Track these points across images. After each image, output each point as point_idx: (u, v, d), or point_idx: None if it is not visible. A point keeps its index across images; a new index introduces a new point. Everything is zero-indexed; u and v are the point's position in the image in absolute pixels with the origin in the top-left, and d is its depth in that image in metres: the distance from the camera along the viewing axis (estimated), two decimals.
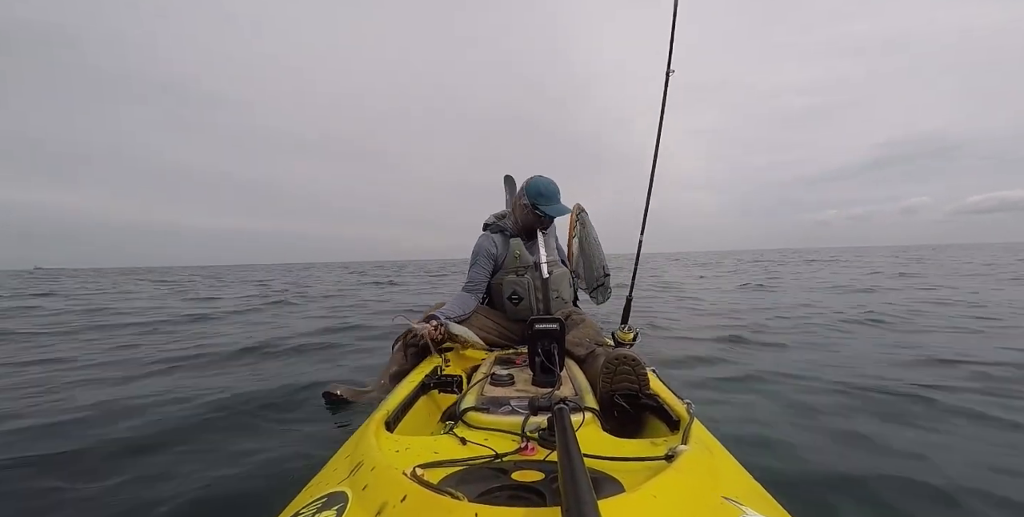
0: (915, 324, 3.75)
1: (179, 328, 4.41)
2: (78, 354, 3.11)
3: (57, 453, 1.45)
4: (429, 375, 1.35)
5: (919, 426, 1.62)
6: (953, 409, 1.76)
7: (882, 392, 1.97)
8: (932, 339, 3.13)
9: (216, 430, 1.67)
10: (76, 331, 4.24)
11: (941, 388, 2.00)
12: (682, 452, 0.67)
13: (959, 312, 4.30)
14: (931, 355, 2.60)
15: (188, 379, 2.41)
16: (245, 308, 6.16)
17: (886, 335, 3.35)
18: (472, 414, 0.94)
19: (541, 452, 0.74)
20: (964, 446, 1.45)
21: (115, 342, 3.59)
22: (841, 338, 3.28)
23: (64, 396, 2.08)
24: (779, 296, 6.32)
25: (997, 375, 2.19)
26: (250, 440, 1.57)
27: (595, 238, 2.04)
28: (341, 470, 0.71)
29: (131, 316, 5.42)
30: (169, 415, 1.80)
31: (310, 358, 2.97)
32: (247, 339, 3.62)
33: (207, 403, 1.94)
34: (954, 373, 2.26)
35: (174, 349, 3.26)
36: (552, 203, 1.83)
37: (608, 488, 0.59)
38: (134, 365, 2.75)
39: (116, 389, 2.21)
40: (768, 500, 0.68)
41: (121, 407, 1.90)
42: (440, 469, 0.66)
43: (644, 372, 1.08)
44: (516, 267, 1.88)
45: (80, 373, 2.54)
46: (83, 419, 1.76)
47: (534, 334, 1.17)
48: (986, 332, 3.33)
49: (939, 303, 4.98)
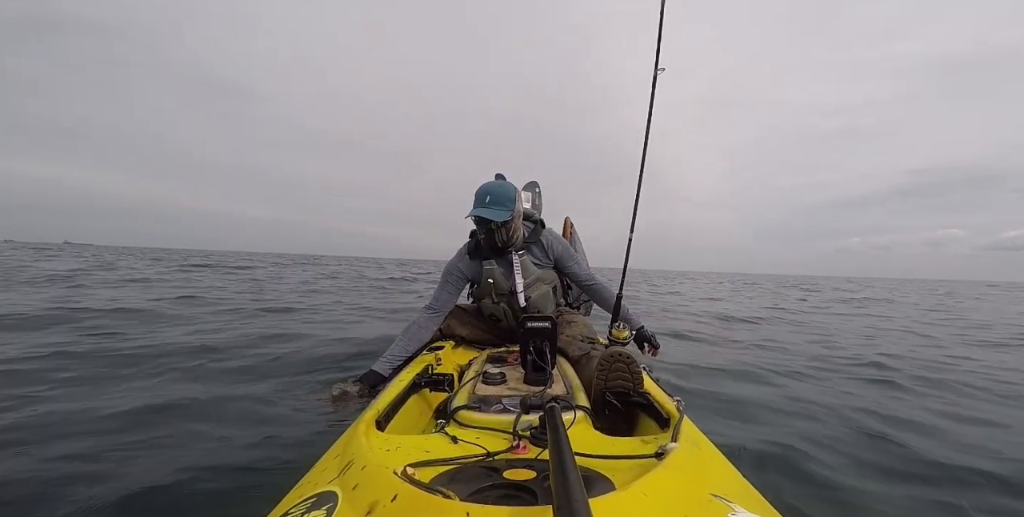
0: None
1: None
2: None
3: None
4: (420, 373, 1.35)
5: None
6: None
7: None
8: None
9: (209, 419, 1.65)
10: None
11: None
12: (672, 450, 0.68)
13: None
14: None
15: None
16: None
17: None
18: (464, 413, 0.94)
19: (533, 451, 0.74)
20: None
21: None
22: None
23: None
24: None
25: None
26: (236, 435, 1.55)
27: (582, 252, 2.06)
28: (331, 469, 0.70)
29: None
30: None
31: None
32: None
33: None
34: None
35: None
36: (476, 205, 1.57)
37: (599, 486, 0.60)
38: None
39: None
40: (756, 497, 0.69)
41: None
42: (431, 468, 0.66)
43: (638, 370, 1.08)
44: (492, 293, 1.76)
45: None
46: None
47: (526, 332, 1.17)
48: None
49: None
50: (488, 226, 1.60)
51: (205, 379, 2.17)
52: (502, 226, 1.60)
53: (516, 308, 1.76)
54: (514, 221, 1.64)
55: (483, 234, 1.65)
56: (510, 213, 1.58)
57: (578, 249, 2.06)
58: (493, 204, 1.56)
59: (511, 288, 1.73)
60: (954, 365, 3.16)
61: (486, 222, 1.58)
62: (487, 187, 1.60)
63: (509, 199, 1.59)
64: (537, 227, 1.85)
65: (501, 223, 1.58)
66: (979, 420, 1.96)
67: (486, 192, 1.58)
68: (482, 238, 1.69)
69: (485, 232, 1.63)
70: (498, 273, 1.73)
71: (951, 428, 1.83)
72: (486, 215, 1.55)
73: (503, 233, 1.63)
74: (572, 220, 2.38)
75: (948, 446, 1.64)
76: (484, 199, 1.57)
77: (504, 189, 1.59)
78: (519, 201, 1.66)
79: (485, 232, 1.63)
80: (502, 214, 1.57)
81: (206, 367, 2.36)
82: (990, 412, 2.08)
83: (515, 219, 1.64)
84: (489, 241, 1.67)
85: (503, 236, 1.64)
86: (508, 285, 1.73)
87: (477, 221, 1.61)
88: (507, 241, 1.67)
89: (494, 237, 1.64)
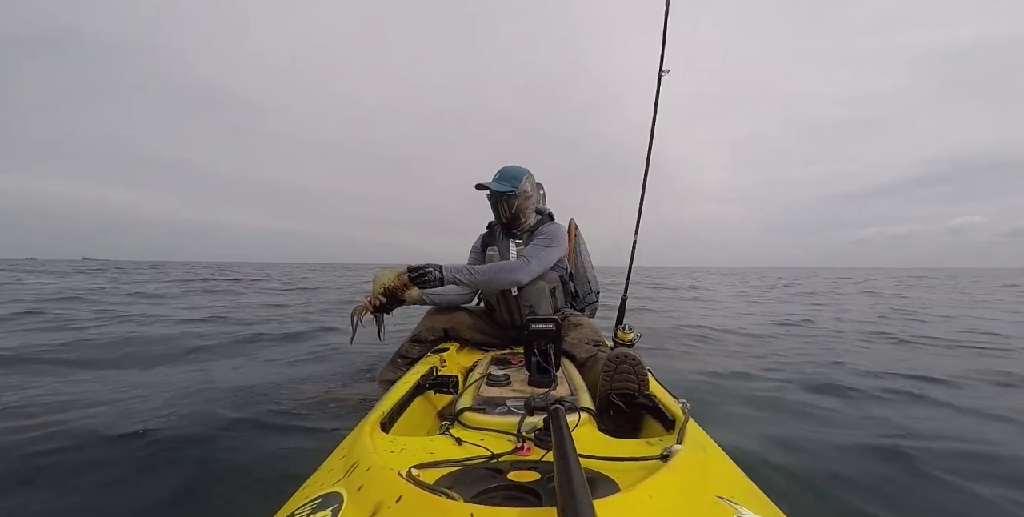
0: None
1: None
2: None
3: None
4: (425, 375, 1.35)
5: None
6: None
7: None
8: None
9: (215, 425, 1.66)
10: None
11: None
12: (677, 452, 0.67)
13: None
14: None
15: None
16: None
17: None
18: (468, 414, 0.94)
19: (537, 452, 0.74)
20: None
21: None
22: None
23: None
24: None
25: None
26: (244, 437, 1.56)
27: (586, 255, 2.06)
28: (336, 471, 0.70)
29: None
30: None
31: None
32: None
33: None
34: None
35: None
36: (492, 181, 1.79)
37: (603, 488, 0.60)
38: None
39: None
40: (762, 499, 0.68)
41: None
42: (436, 469, 0.66)
43: (644, 372, 1.08)
44: None
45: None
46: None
47: (530, 334, 1.17)
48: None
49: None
50: (494, 199, 1.80)
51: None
52: (505, 199, 1.78)
53: (508, 296, 1.82)
54: (518, 198, 1.79)
55: (492, 208, 1.86)
56: (513, 188, 1.76)
57: (583, 251, 2.06)
58: (500, 180, 1.79)
59: None
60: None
61: (495, 195, 1.79)
62: (502, 169, 1.83)
63: (515, 177, 1.79)
64: (544, 218, 1.94)
65: (503, 195, 1.77)
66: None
67: (499, 171, 1.82)
68: (493, 212, 1.88)
69: (493, 205, 1.84)
70: (497, 258, 1.85)
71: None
72: (492, 186, 1.77)
73: (506, 206, 1.79)
74: (577, 222, 2.38)
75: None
76: (496, 176, 1.80)
77: (514, 169, 1.81)
78: (527, 183, 1.81)
79: (493, 205, 1.84)
80: (504, 187, 1.76)
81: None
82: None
83: (519, 197, 1.79)
84: (496, 214, 1.86)
85: (506, 210, 1.80)
86: None
87: (490, 195, 1.82)
88: (511, 216, 1.82)
89: (499, 210, 1.82)
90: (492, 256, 1.85)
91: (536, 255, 1.73)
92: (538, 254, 1.73)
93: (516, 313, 1.83)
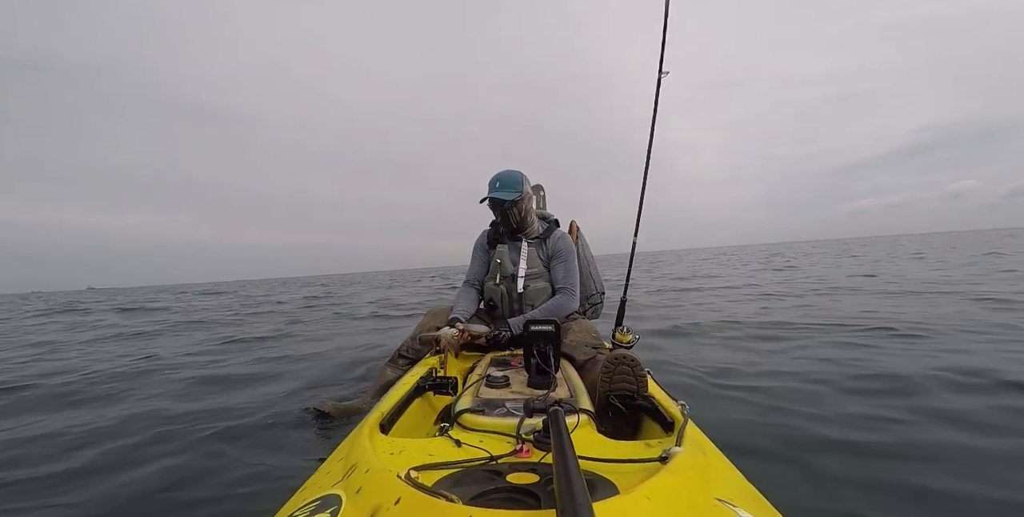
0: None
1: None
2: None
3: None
4: (424, 377, 1.35)
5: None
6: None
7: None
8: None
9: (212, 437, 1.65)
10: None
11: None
12: (676, 454, 0.67)
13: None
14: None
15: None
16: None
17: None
18: (467, 416, 0.94)
19: (536, 454, 0.74)
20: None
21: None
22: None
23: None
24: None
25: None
26: (244, 443, 1.56)
27: (589, 256, 2.08)
28: (335, 473, 0.70)
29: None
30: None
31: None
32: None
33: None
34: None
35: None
36: (491, 191, 1.77)
37: (602, 490, 0.59)
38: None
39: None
40: (761, 501, 0.68)
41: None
42: (435, 471, 0.66)
43: (643, 373, 1.08)
44: (497, 274, 1.86)
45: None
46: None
47: (530, 336, 1.17)
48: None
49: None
50: (502, 207, 1.78)
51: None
52: (513, 205, 1.78)
53: (513, 294, 1.84)
54: (523, 201, 1.80)
55: (499, 217, 1.84)
56: (519, 193, 1.77)
57: (586, 252, 2.06)
58: (503, 187, 1.77)
59: (514, 272, 1.84)
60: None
61: (500, 203, 1.77)
62: (496, 175, 1.80)
63: (516, 182, 1.79)
64: (552, 226, 1.96)
65: (512, 202, 1.77)
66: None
67: (496, 178, 1.79)
68: (499, 221, 1.86)
69: (501, 214, 1.81)
70: (507, 255, 1.86)
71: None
72: (498, 196, 1.75)
73: (515, 212, 1.80)
74: (578, 223, 2.38)
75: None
76: (495, 185, 1.78)
77: (511, 174, 1.80)
78: (526, 184, 1.83)
79: (501, 214, 1.81)
80: (511, 194, 1.76)
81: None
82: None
83: (524, 199, 1.81)
84: (506, 222, 1.84)
85: (516, 215, 1.81)
86: (512, 269, 1.85)
87: (492, 204, 1.81)
88: (520, 220, 1.83)
89: (509, 217, 1.81)
90: (501, 253, 1.86)
91: (571, 276, 1.85)
92: (571, 275, 1.85)
93: (518, 312, 1.84)
